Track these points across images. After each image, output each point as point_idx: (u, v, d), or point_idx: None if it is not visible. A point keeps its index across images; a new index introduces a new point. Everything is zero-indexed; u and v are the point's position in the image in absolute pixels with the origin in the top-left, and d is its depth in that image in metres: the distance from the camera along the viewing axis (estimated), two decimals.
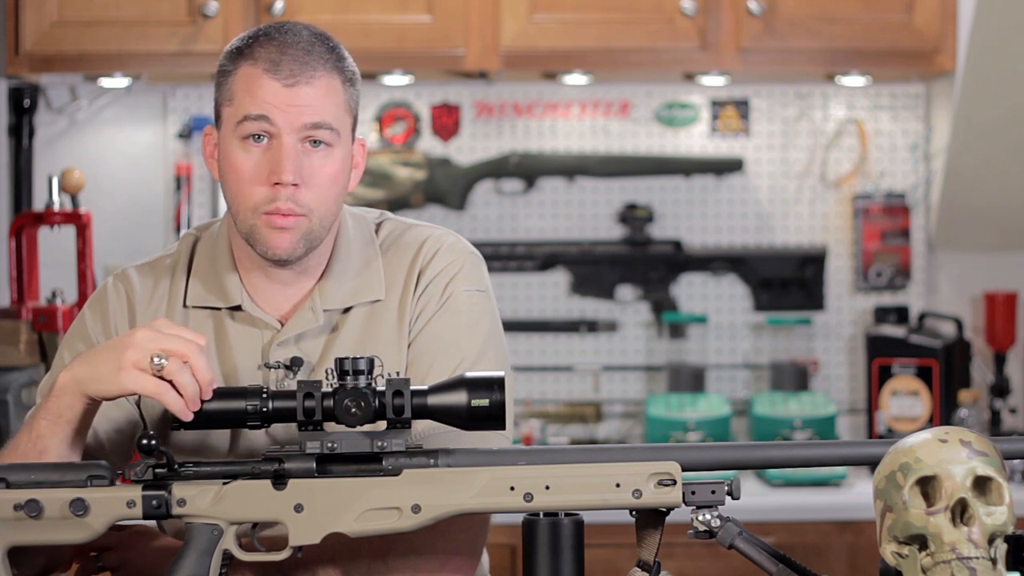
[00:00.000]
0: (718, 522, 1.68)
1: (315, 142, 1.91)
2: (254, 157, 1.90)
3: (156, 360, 1.73)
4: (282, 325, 1.98)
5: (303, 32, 1.93)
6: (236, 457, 1.96)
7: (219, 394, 1.73)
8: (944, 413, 3.60)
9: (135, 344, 1.75)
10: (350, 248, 2.01)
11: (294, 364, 1.91)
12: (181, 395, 1.72)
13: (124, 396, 1.79)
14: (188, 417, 1.73)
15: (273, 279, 1.98)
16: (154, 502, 1.69)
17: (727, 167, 3.81)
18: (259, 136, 1.90)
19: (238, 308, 1.99)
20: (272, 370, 1.94)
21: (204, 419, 1.73)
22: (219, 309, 1.99)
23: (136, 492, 1.69)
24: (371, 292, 2.00)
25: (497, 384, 1.69)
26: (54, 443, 1.80)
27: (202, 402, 1.73)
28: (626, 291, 3.84)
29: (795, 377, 3.70)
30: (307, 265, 1.98)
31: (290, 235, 1.90)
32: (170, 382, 1.72)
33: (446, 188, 3.79)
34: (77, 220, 3.28)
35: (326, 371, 1.70)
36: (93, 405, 1.81)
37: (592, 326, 3.83)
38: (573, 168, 3.80)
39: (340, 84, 1.93)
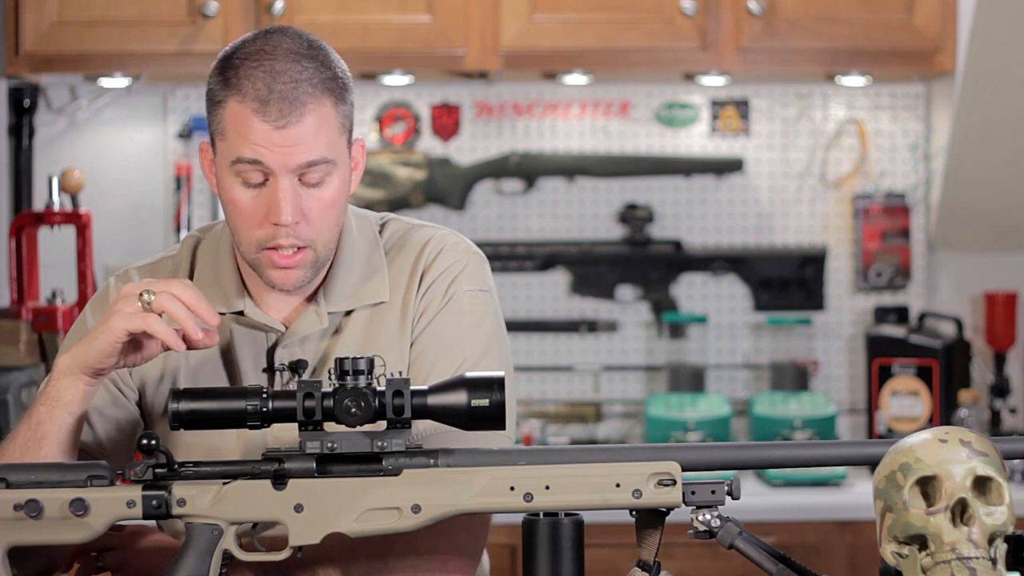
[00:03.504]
0: (718, 522, 1.68)
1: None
2: (251, 195, 1.88)
3: (145, 296, 1.78)
4: (286, 328, 1.98)
5: (288, 54, 1.86)
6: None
7: (219, 394, 1.73)
8: (944, 413, 3.60)
9: (121, 295, 1.81)
10: (354, 250, 2.01)
11: (298, 367, 1.90)
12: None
13: (117, 345, 1.79)
14: (182, 347, 1.78)
15: None
16: (154, 502, 1.69)
17: (727, 167, 3.81)
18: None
19: (240, 312, 1.99)
20: (276, 373, 1.94)
21: (204, 419, 1.72)
22: (222, 313, 1.99)
23: (136, 492, 1.69)
24: (375, 294, 1.99)
25: (497, 384, 1.68)
26: (53, 428, 1.81)
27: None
28: (626, 291, 3.84)
29: (795, 377, 3.70)
30: None
31: (295, 272, 1.91)
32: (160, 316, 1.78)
33: (446, 188, 3.79)
34: (77, 220, 3.28)
35: (328, 371, 1.70)
36: (93, 384, 1.83)
37: (592, 326, 3.83)
38: (573, 168, 3.80)
39: (331, 107, 1.88)
